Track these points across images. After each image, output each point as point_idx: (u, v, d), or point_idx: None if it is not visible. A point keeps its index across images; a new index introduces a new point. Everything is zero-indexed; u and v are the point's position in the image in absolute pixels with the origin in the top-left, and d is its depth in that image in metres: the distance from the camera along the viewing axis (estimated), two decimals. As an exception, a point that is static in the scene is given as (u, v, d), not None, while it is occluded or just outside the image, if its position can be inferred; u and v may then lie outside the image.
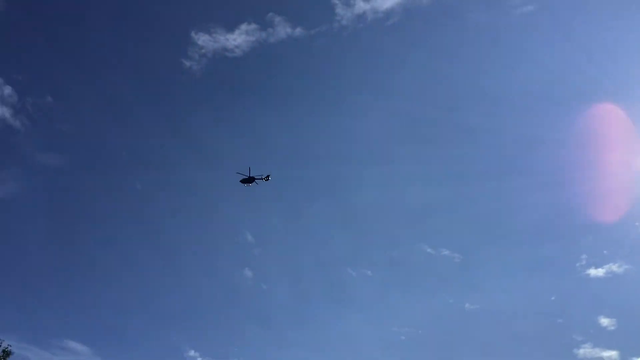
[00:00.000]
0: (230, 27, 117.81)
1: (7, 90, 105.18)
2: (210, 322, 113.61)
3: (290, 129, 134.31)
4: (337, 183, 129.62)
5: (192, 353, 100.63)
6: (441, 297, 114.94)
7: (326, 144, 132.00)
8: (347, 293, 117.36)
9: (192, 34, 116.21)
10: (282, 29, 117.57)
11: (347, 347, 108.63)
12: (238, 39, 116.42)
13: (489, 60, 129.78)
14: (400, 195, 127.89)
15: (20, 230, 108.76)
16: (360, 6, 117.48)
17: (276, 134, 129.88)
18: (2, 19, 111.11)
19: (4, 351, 24.19)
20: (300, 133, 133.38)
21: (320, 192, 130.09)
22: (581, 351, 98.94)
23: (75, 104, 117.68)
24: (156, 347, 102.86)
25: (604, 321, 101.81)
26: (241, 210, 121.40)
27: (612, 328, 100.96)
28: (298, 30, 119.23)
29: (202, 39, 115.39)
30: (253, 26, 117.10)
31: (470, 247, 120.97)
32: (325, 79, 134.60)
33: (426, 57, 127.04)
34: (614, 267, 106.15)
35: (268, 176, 69.84)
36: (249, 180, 69.90)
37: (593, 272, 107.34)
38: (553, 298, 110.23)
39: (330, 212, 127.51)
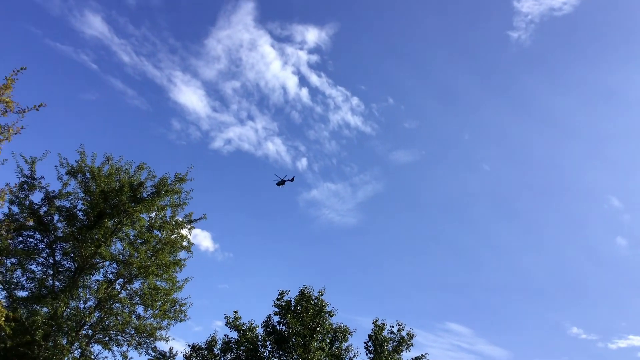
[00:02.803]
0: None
1: (355, 100, 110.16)
2: (588, 297, 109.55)
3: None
4: None
5: (574, 330, 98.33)
6: None
7: None
8: None
9: (515, 2, 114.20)
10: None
11: None
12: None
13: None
14: None
15: (387, 221, 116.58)
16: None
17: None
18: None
19: (407, 334, 27.44)
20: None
21: None
22: None
23: (414, 101, 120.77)
24: (535, 326, 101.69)
25: None
26: (602, 174, 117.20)
27: None
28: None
29: (527, 5, 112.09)
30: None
31: None
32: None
33: None
34: None
35: (293, 177, 71.77)
36: (281, 182, 72.78)
37: None
38: None
39: None
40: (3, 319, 16.48)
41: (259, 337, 28.18)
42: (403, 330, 28.74)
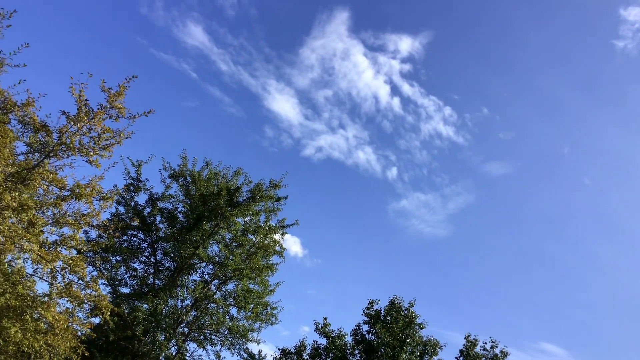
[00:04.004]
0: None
1: (447, 110, 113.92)
2: None
3: None
4: None
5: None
6: None
7: None
8: None
9: (621, 10, 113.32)
10: None
11: None
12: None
13: None
14: None
15: (479, 234, 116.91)
16: None
17: None
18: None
19: (501, 352, 26.74)
20: None
21: None
22: None
23: (510, 111, 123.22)
24: (637, 350, 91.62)
25: None
26: None
27: None
28: None
29: (634, 12, 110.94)
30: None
31: None
32: None
33: None
34: None
35: None
36: None
37: None
38: None
39: None
40: (108, 313, 17.39)
41: (348, 345, 28.17)
42: (496, 347, 27.81)
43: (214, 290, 29.54)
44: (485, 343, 28.09)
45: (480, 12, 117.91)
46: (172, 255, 29.11)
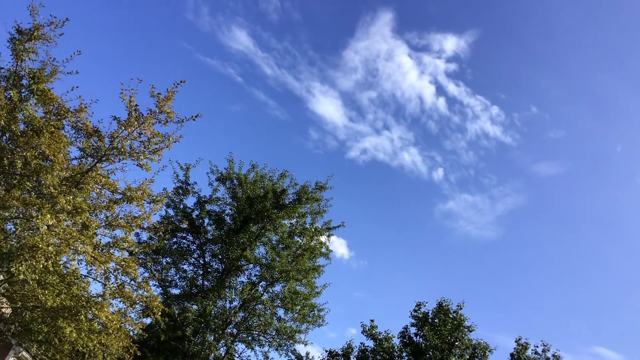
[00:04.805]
0: None
1: (495, 110, 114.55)
2: None
3: None
4: None
5: None
6: None
7: None
8: None
9: None
10: None
11: None
12: None
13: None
14: None
15: (530, 235, 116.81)
16: None
17: None
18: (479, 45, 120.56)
19: (553, 355, 26.82)
20: None
21: None
22: None
23: (560, 109, 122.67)
24: None
25: None
26: None
27: None
28: None
29: None
30: None
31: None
32: None
33: None
34: None
35: None
36: None
37: None
38: None
39: None
40: (159, 314, 17.72)
41: (395, 347, 27.99)
42: (548, 351, 27.17)
43: (262, 292, 29.81)
44: (537, 347, 27.50)
45: (528, 10, 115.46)
46: (220, 257, 29.53)
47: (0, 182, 14.88)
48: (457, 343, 26.65)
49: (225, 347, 28.34)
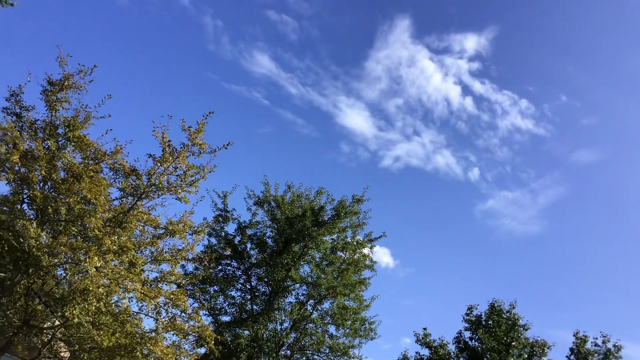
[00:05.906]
0: None
1: (524, 103, 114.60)
2: None
3: None
4: None
5: None
6: None
7: None
8: None
9: None
10: None
11: None
12: None
13: None
14: None
15: (576, 226, 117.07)
16: None
17: None
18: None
19: (614, 346, 26.81)
20: None
21: None
22: None
23: (591, 95, 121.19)
24: None
25: None
26: None
27: None
28: None
29: None
30: None
31: None
32: None
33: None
34: None
35: None
36: None
37: None
38: None
39: None
40: (212, 342, 17.89)
41: (452, 353, 27.60)
42: (609, 342, 26.47)
43: (311, 310, 29.79)
44: (596, 339, 26.82)
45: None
46: (266, 280, 29.67)
47: (47, 230, 15.31)
48: (513, 343, 26.15)
49: (280, 370, 28.35)
